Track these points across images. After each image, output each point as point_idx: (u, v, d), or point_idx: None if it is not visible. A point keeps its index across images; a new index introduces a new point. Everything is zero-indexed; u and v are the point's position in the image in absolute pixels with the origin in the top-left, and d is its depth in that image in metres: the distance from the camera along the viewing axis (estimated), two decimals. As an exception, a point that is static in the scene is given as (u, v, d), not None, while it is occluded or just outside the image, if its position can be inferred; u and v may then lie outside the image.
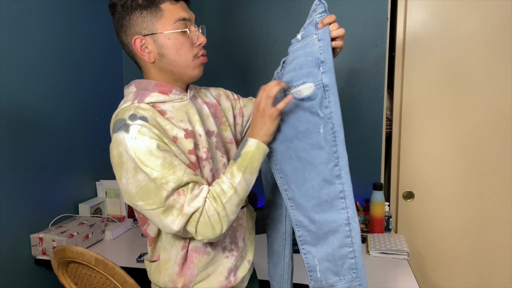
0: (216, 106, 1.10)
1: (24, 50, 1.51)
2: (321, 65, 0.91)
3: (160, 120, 0.93)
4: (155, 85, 0.97)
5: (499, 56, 1.77)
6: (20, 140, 1.50)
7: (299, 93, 0.93)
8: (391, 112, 1.93)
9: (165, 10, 0.93)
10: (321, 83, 0.91)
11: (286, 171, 0.99)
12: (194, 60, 0.98)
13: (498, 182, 1.83)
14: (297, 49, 0.97)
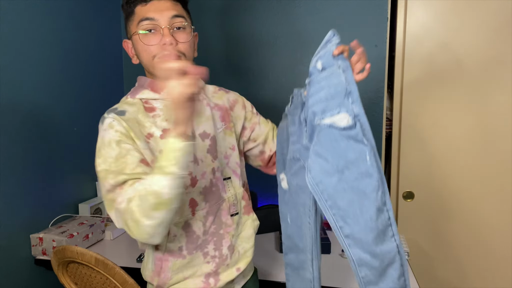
0: (227, 110, 1.08)
1: (24, 51, 1.51)
2: (349, 96, 0.91)
3: (141, 116, 0.96)
4: (149, 82, 1.01)
5: (499, 56, 1.77)
6: (20, 140, 1.50)
7: (338, 123, 0.91)
8: (391, 112, 1.93)
9: (136, 12, 0.96)
10: (353, 113, 0.90)
11: (341, 205, 0.92)
12: (154, 61, 0.95)
13: (498, 182, 1.83)
14: (322, 79, 0.95)
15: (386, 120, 1.92)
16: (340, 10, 1.88)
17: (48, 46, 1.62)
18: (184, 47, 0.96)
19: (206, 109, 1.04)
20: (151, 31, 0.94)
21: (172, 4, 0.95)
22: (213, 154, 1.01)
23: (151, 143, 0.94)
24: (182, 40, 0.95)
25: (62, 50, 1.70)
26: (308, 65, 0.99)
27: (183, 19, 0.96)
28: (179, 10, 0.96)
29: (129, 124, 0.92)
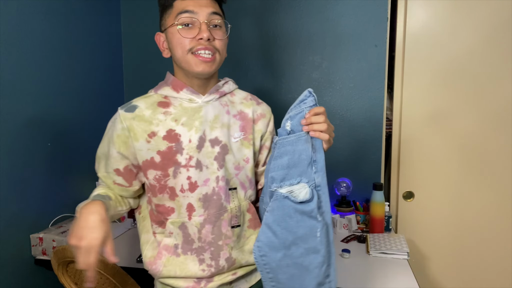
0: (249, 121, 1.06)
1: (24, 51, 1.51)
2: (313, 165, 0.89)
3: (150, 112, 0.98)
4: (172, 80, 1.02)
5: (499, 56, 1.77)
6: (20, 140, 1.50)
7: (294, 195, 0.88)
8: (391, 112, 1.93)
9: (175, 6, 0.97)
10: (314, 183, 0.89)
11: (281, 279, 0.92)
12: (188, 55, 0.95)
13: (498, 182, 1.83)
14: (289, 143, 0.91)
15: (386, 120, 1.92)
16: (340, 10, 1.88)
17: (47, 48, 1.62)
18: (219, 44, 0.97)
19: (224, 116, 1.02)
20: (188, 25, 0.95)
21: (211, 1, 0.97)
22: (219, 162, 0.99)
23: (152, 143, 0.96)
24: (219, 37, 0.97)
25: (61, 51, 1.70)
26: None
27: (221, 17, 0.98)
28: (217, 9, 0.98)
29: (133, 123, 0.96)
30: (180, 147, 0.97)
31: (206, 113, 0.99)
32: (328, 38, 1.91)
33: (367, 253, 1.58)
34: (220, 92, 1.04)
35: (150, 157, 0.97)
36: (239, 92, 1.10)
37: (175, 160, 0.97)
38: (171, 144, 0.96)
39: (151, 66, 2.14)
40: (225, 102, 1.04)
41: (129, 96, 2.17)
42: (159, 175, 0.98)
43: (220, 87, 1.04)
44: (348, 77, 1.92)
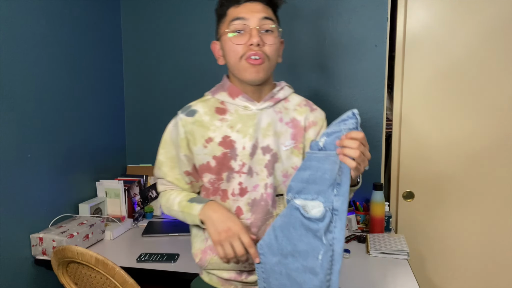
0: (301, 129, 1.07)
1: (24, 51, 1.51)
2: (336, 187, 0.86)
3: (208, 118, 1.03)
4: (229, 86, 1.05)
5: (499, 56, 1.77)
6: (20, 140, 1.50)
7: (305, 209, 0.87)
8: (391, 112, 1.93)
9: (228, 14, 0.99)
10: (331, 206, 0.85)
11: (272, 285, 0.93)
12: (241, 62, 0.98)
13: (498, 182, 1.83)
14: (316, 159, 0.89)
15: (386, 120, 1.92)
16: (340, 10, 1.88)
17: (47, 48, 1.62)
18: (269, 50, 0.98)
19: (277, 124, 1.04)
20: (240, 32, 0.97)
21: (263, 7, 0.98)
22: (269, 170, 1.03)
23: (208, 148, 1.02)
24: (269, 42, 0.98)
25: (62, 51, 1.70)
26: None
27: (272, 22, 0.99)
28: (270, 14, 1.00)
29: (193, 127, 1.03)
30: (234, 153, 1.02)
31: (260, 120, 1.03)
32: (328, 38, 1.91)
33: (367, 253, 1.58)
34: (275, 99, 1.05)
35: (206, 161, 1.03)
36: (294, 97, 1.10)
37: (229, 165, 1.02)
38: (226, 150, 1.02)
39: (151, 66, 2.14)
40: (279, 109, 1.06)
41: (129, 96, 2.18)
42: (213, 179, 1.04)
43: (275, 94, 1.06)
44: (348, 77, 1.92)
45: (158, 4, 2.08)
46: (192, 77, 2.09)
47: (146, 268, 1.46)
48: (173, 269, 1.45)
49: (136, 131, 2.20)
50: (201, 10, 2.03)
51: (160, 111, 2.15)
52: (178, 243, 1.71)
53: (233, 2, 0.99)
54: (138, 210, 1.98)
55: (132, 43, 2.14)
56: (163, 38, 2.10)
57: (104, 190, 1.95)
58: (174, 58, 2.10)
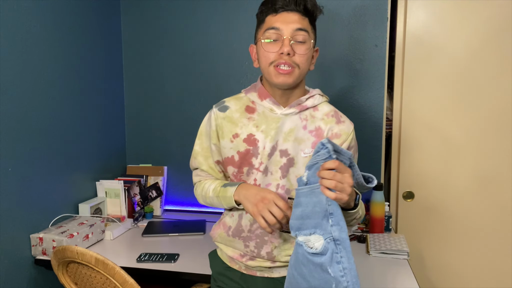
0: (321, 139, 1.06)
1: (24, 51, 1.51)
2: (330, 217, 0.87)
3: (238, 115, 1.11)
4: (259, 88, 1.12)
5: (499, 56, 1.77)
6: (20, 140, 1.50)
7: (309, 244, 0.89)
8: (391, 112, 1.93)
9: (266, 21, 1.05)
10: (331, 237, 0.87)
11: None
12: (270, 67, 1.04)
13: (498, 182, 1.83)
14: (303, 195, 0.91)
15: (386, 120, 1.92)
16: (340, 10, 1.88)
17: (48, 48, 1.62)
18: (299, 59, 1.02)
19: (299, 130, 1.08)
20: (274, 40, 1.02)
21: (299, 17, 1.02)
22: (283, 172, 1.08)
23: (234, 143, 1.11)
24: (300, 52, 1.02)
25: (64, 51, 1.70)
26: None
27: (306, 33, 1.02)
28: (305, 24, 1.02)
29: (223, 122, 1.12)
30: (256, 151, 1.09)
31: (283, 124, 1.08)
32: (328, 38, 1.91)
33: (367, 253, 1.58)
34: (301, 106, 1.09)
35: (231, 155, 1.11)
36: (324, 106, 1.12)
37: (250, 161, 1.10)
38: (249, 147, 1.09)
39: (151, 66, 2.14)
40: (305, 116, 1.10)
41: (129, 96, 2.18)
42: (235, 172, 1.13)
43: (303, 102, 1.09)
44: (348, 77, 1.92)
45: (158, 4, 2.08)
46: (192, 77, 2.09)
47: (146, 268, 1.47)
48: (173, 269, 1.46)
49: (136, 131, 2.20)
50: (201, 10, 2.03)
51: (160, 111, 2.15)
52: (178, 243, 1.71)
53: (271, 10, 1.03)
54: (138, 210, 1.98)
55: (132, 43, 2.14)
56: (163, 38, 2.10)
57: (104, 190, 1.95)
58: (174, 58, 2.10)
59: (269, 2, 1.04)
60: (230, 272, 1.20)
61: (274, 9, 1.02)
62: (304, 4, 1.02)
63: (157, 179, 2.13)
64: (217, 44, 2.04)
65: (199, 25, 2.05)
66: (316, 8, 1.05)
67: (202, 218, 1.98)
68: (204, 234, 1.80)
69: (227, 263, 1.21)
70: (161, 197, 2.10)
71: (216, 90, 2.06)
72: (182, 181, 2.14)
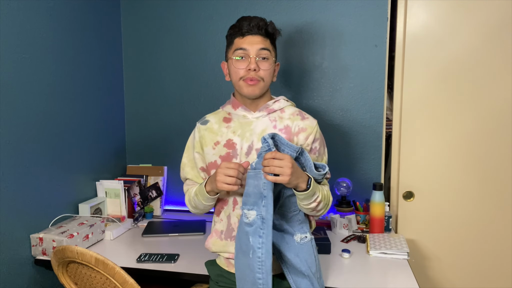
0: (291, 134, 1.26)
1: (25, 51, 1.51)
2: (263, 199, 1.09)
3: (217, 126, 1.30)
4: (232, 100, 1.32)
5: (499, 56, 1.77)
6: (20, 140, 1.50)
7: (247, 215, 1.11)
8: (391, 112, 1.93)
9: (234, 43, 1.25)
10: (261, 214, 1.09)
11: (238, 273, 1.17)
12: (240, 81, 1.23)
13: (498, 182, 1.83)
14: (250, 177, 1.12)
15: (386, 120, 1.92)
16: (340, 10, 1.88)
17: (49, 48, 1.62)
18: (264, 73, 1.23)
19: (270, 130, 1.25)
20: (242, 58, 1.22)
21: (262, 39, 1.22)
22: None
23: (216, 149, 1.28)
24: (264, 68, 1.22)
25: (64, 52, 1.70)
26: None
27: (268, 52, 1.23)
28: (267, 44, 1.23)
29: (205, 133, 1.30)
30: (236, 153, 1.25)
31: (255, 127, 1.26)
32: (328, 38, 1.91)
33: (367, 253, 1.58)
34: (269, 110, 1.28)
35: (214, 160, 1.28)
36: (290, 108, 1.31)
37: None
38: (229, 151, 1.26)
39: (151, 66, 2.14)
40: (274, 117, 1.28)
41: (129, 96, 2.18)
42: None
43: (269, 106, 1.28)
44: (348, 77, 1.92)
45: (158, 4, 2.08)
46: (192, 76, 2.09)
47: (146, 268, 1.47)
48: (173, 269, 1.46)
49: (136, 131, 2.20)
50: (200, 10, 2.03)
51: (160, 111, 2.16)
52: (178, 243, 1.71)
53: (239, 34, 1.22)
54: (138, 210, 1.98)
55: (132, 43, 2.15)
56: (163, 38, 2.10)
57: (104, 190, 1.95)
58: (174, 58, 2.10)
59: (236, 27, 1.23)
60: (229, 274, 1.30)
61: (241, 33, 1.22)
62: (265, 28, 1.22)
63: (157, 179, 2.13)
64: (217, 44, 2.04)
65: (199, 25, 2.05)
66: (276, 31, 1.26)
67: (202, 218, 1.98)
68: (204, 234, 1.80)
69: (225, 267, 1.31)
70: (161, 197, 2.10)
71: (216, 90, 2.07)
72: (182, 181, 2.13)
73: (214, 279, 1.33)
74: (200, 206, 1.29)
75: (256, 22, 1.21)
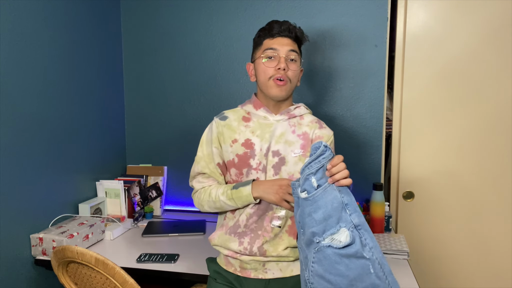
0: (309, 141, 1.27)
1: (25, 52, 1.51)
2: (346, 208, 0.96)
3: (236, 124, 1.28)
4: (254, 100, 1.31)
5: (499, 56, 1.77)
6: (20, 140, 1.50)
7: (336, 242, 0.94)
8: (391, 112, 1.93)
9: (264, 43, 1.25)
10: (352, 225, 0.94)
11: None
12: (269, 81, 1.23)
13: (498, 182, 1.83)
14: (319, 198, 0.98)
15: (386, 120, 1.92)
16: (340, 10, 1.88)
17: (49, 49, 1.62)
18: (292, 74, 1.23)
19: (289, 134, 1.26)
20: (271, 58, 1.23)
21: (291, 41, 1.24)
22: (276, 170, 1.24)
23: (234, 147, 1.26)
24: (292, 69, 1.23)
25: (64, 52, 1.70)
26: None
27: (297, 54, 1.25)
28: (295, 47, 1.25)
29: (223, 129, 1.28)
30: (253, 153, 1.24)
31: (275, 129, 1.26)
32: (328, 38, 1.91)
33: (367, 253, 1.58)
34: (290, 114, 1.28)
35: (232, 158, 1.26)
36: (309, 116, 1.32)
37: (248, 163, 1.24)
38: (247, 150, 1.25)
39: (151, 66, 2.14)
40: (293, 123, 1.28)
41: (129, 96, 2.18)
42: (237, 173, 1.26)
43: (291, 111, 1.29)
44: (348, 77, 1.92)
45: (158, 4, 2.08)
46: (192, 76, 2.09)
47: (146, 268, 1.47)
48: (173, 270, 1.46)
49: (136, 131, 2.20)
50: (200, 11, 2.03)
51: (160, 111, 2.15)
52: (178, 243, 1.71)
53: (269, 35, 1.24)
54: (138, 210, 1.98)
55: (132, 43, 2.15)
56: (163, 38, 2.10)
57: (104, 190, 1.95)
58: (174, 58, 2.11)
59: (266, 29, 1.25)
60: (227, 273, 1.30)
61: (271, 34, 1.24)
62: (295, 32, 1.25)
63: (157, 179, 2.13)
64: (217, 44, 2.04)
65: (199, 25, 2.05)
66: (303, 36, 1.28)
67: (202, 218, 1.98)
68: (204, 234, 1.80)
69: (223, 266, 1.31)
70: (161, 197, 2.10)
71: (216, 90, 2.07)
72: (182, 181, 2.14)
73: (212, 275, 1.34)
74: (227, 209, 1.26)
75: (287, 25, 1.24)
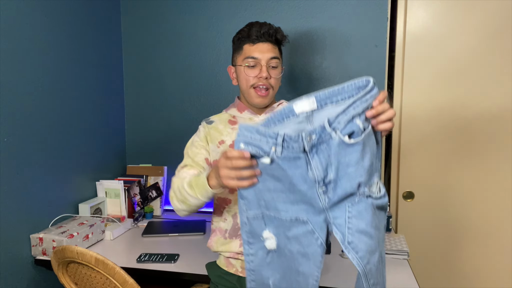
0: None
1: (24, 51, 1.51)
2: (379, 160, 0.88)
3: (222, 126, 1.29)
4: (238, 103, 1.32)
5: (499, 56, 1.77)
6: (20, 140, 1.50)
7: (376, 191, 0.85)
8: (391, 112, 1.93)
9: (244, 49, 1.24)
10: (379, 174, 0.87)
11: (379, 280, 0.91)
12: (250, 89, 1.24)
13: (498, 182, 1.83)
14: (365, 143, 0.84)
15: (386, 120, 1.92)
16: (340, 10, 1.88)
17: (49, 49, 1.62)
18: (274, 81, 1.24)
19: None
20: (253, 66, 1.22)
21: (272, 47, 1.23)
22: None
23: (220, 148, 1.26)
24: (274, 76, 1.24)
25: (64, 52, 1.70)
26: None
27: (278, 60, 1.25)
28: (276, 52, 1.24)
29: (210, 130, 1.29)
30: None
31: None
32: (328, 38, 1.91)
33: (367, 253, 1.58)
34: None
35: (218, 158, 1.18)
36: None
37: None
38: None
39: (151, 66, 2.14)
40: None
41: (129, 96, 2.18)
42: None
43: (274, 108, 1.29)
44: (348, 77, 1.92)
45: (158, 4, 2.08)
46: (192, 76, 2.09)
47: (146, 268, 1.47)
48: (173, 270, 1.46)
49: (136, 131, 2.20)
50: (200, 11, 2.03)
51: (160, 111, 2.15)
52: (178, 243, 1.71)
53: (249, 40, 1.23)
54: (138, 210, 1.98)
55: (132, 43, 2.15)
56: (163, 39, 2.10)
57: (104, 190, 1.95)
58: (174, 58, 2.11)
59: (246, 32, 1.23)
60: (228, 276, 1.29)
61: (251, 40, 1.22)
62: (275, 35, 1.23)
63: (157, 179, 2.13)
64: (216, 44, 2.04)
65: (199, 25, 2.05)
66: (284, 38, 1.27)
67: (202, 218, 1.98)
68: (204, 234, 1.80)
69: (224, 268, 1.30)
70: (161, 197, 2.10)
71: (216, 89, 2.07)
72: (182, 181, 2.14)
73: (214, 281, 1.33)
74: (190, 201, 1.11)
75: (266, 29, 1.21)
